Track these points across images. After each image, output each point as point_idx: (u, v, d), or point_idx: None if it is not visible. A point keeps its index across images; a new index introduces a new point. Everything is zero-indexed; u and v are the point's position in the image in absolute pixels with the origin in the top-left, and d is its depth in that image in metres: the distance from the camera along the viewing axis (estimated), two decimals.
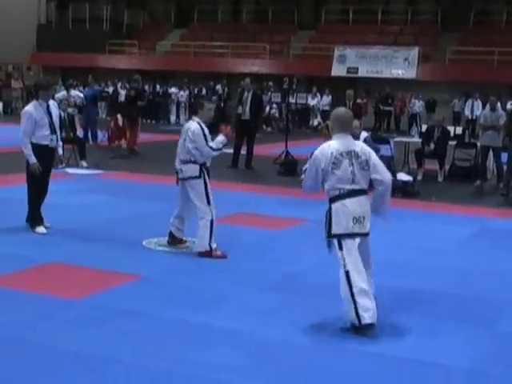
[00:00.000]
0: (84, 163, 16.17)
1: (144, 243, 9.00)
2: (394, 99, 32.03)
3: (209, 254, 8.49)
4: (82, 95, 20.13)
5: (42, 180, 9.52)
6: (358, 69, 33.16)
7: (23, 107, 9.96)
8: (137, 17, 40.65)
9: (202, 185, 8.54)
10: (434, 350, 5.84)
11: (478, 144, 16.48)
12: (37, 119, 9.38)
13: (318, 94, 32.36)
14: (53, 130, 9.53)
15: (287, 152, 17.33)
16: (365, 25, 36.02)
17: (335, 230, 6.28)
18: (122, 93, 34.30)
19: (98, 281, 7.46)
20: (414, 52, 32.52)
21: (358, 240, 6.35)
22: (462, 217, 12.06)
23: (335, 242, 6.30)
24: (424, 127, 19.32)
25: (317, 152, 6.37)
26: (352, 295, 6.13)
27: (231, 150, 17.26)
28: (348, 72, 33.25)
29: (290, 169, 16.34)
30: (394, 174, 15.16)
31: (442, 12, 35.39)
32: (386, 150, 16.63)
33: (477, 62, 31.30)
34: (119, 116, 21.41)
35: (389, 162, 16.51)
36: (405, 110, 32.02)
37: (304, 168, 6.60)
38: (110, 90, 34.48)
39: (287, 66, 33.37)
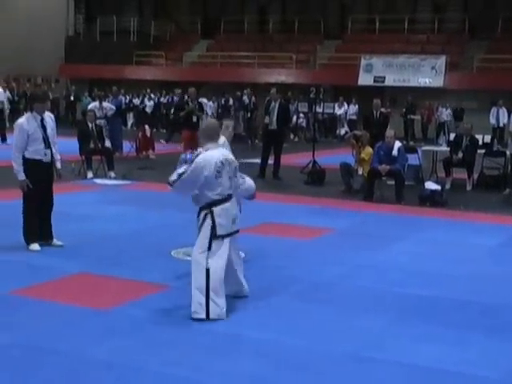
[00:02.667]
0: (112, 174, 16.25)
1: (172, 253, 9.03)
2: (417, 108, 31.86)
3: None
4: (113, 107, 20.22)
5: (43, 195, 9.06)
6: (384, 78, 33.08)
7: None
8: (164, 28, 40.87)
9: None
10: (462, 359, 5.79)
11: (508, 152, 16.35)
12: (29, 132, 8.90)
13: (345, 104, 32.32)
14: (47, 144, 9.03)
15: (314, 161, 17.32)
16: (391, 34, 35.98)
17: (219, 231, 6.70)
18: (149, 104, 34.68)
19: (127, 291, 7.49)
20: (442, 60, 32.37)
21: (228, 239, 6.78)
22: (490, 226, 11.95)
23: (207, 241, 6.67)
24: (452, 136, 19.21)
25: (199, 159, 6.74)
26: (207, 290, 6.53)
27: (259, 160, 17.32)
28: (375, 81, 33.19)
29: (317, 178, 16.34)
30: (422, 182, 15.13)
31: (470, 20, 35.20)
32: (413, 158, 16.59)
33: (505, 69, 31.14)
34: (147, 127, 21.56)
35: (417, 171, 16.53)
36: (432, 118, 31.88)
37: (180, 171, 6.82)
38: (137, 101, 34.77)
39: (314, 76, 33.42)
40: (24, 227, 9.15)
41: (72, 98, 36.46)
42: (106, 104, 19.93)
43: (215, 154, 6.78)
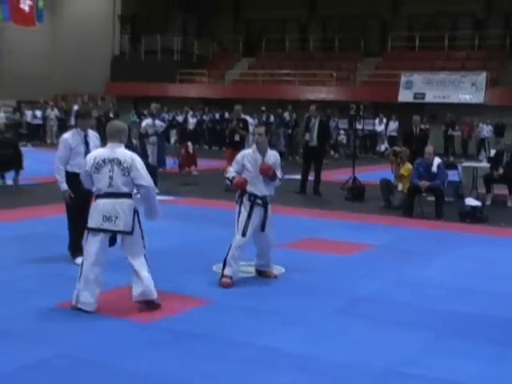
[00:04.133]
0: (156, 189, 16.31)
1: (214, 268, 9.05)
2: (458, 124, 31.62)
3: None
4: (164, 124, 20.43)
5: (83, 208, 8.80)
6: (424, 94, 32.91)
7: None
8: (206, 47, 41.16)
9: (237, 210, 8.55)
10: (502, 377, 5.72)
11: None
12: (72, 146, 9.12)
13: (385, 120, 32.19)
14: None
15: (354, 178, 17.27)
16: (431, 51, 35.83)
17: (89, 223, 7.25)
18: (192, 121, 34.88)
19: (170, 304, 7.50)
20: (482, 77, 32.09)
21: (100, 235, 7.17)
22: None
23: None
24: (493, 152, 19.02)
25: (87, 157, 7.52)
26: (79, 280, 7.08)
27: (299, 176, 17.33)
28: (415, 98, 33.03)
29: (357, 194, 16.29)
30: (462, 198, 15.00)
31: (510, 37, 34.92)
32: (453, 175, 16.47)
33: None
34: (189, 143, 21.70)
35: (457, 187, 16.39)
36: (472, 134, 31.60)
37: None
38: (181, 118, 34.99)
39: (354, 93, 33.34)
40: (70, 241, 9.31)
41: (111, 115, 36.75)
42: (157, 122, 20.16)
43: (102, 152, 7.32)
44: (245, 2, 42.49)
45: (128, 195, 7.24)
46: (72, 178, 8.98)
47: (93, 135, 9.44)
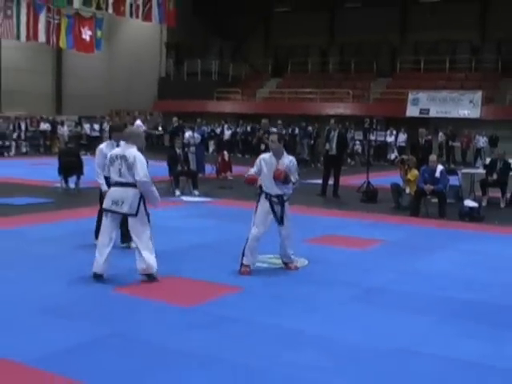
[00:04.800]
0: (196, 192, 16.40)
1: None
2: (458, 136, 31.49)
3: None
4: (200, 136, 20.67)
5: None
6: (429, 110, 32.82)
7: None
8: (240, 69, 41.19)
9: (255, 207, 8.53)
10: (500, 354, 5.67)
11: None
12: (106, 154, 9.14)
13: (395, 132, 32.05)
14: None
15: (368, 182, 17.17)
16: (434, 72, 35.69)
17: (103, 205, 7.93)
18: (227, 133, 34.95)
19: (207, 292, 7.52)
20: (478, 95, 31.98)
21: (113, 215, 7.76)
22: None
23: None
24: (487, 160, 18.85)
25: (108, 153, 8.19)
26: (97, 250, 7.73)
27: (320, 181, 17.29)
28: (420, 113, 32.92)
29: (370, 197, 16.20)
30: (461, 200, 14.86)
31: (502, 60, 34.75)
32: (454, 180, 16.33)
33: None
34: (225, 152, 21.73)
35: (457, 191, 16.24)
36: (470, 145, 31.43)
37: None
38: (218, 130, 35.10)
39: (368, 108, 33.25)
40: (96, 227, 9.51)
41: (160, 129, 36.98)
42: (196, 134, 20.41)
43: (116, 150, 8.00)
44: (274, 30, 42.49)
45: (134, 185, 7.62)
46: (107, 181, 9.15)
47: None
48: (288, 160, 8.50)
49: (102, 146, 9.58)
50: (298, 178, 8.60)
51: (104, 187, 9.21)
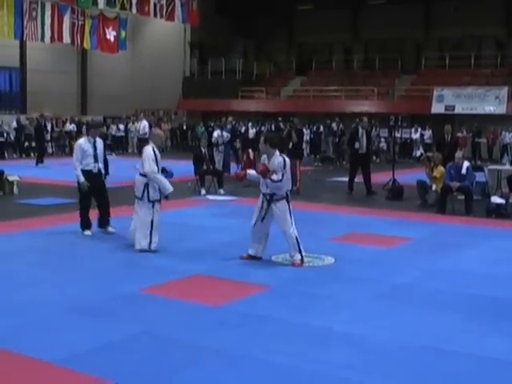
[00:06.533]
0: (222, 191, 16.47)
1: (273, 258, 9.08)
2: (483, 132, 31.24)
3: None
4: (229, 135, 20.78)
5: (97, 194, 10.64)
6: (454, 106, 32.59)
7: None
8: (264, 67, 41.18)
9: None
10: None
11: None
12: (84, 149, 10.45)
13: (420, 129, 31.88)
14: (96, 160, 10.55)
15: (394, 180, 17.12)
16: (460, 69, 35.41)
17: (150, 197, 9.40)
18: (251, 131, 34.96)
19: (235, 290, 7.56)
20: (504, 91, 31.70)
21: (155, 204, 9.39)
22: None
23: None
24: None
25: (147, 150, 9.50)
26: (150, 232, 9.27)
27: (345, 179, 17.27)
28: (446, 109, 32.70)
29: (396, 194, 16.14)
30: (488, 197, 14.76)
31: None
32: (480, 176, 16.22)
33: None
34: (250, 151, 21.75)
35: (483, 187, 16.13)
36: (496, 141, 31.17)
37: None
38: (243, 129, 35.13)
39: (393, 106, 33.09)
40: (81, 219, 10.60)
41: (185, 128, 37.19)
42: (225, 133, 20.45)
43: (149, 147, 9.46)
44: (297, 29, 42.45)
45: (143, 175, 9.29)
46: (84, 173, 10.41)
47: (99, 141, 10.79)
48: (277, 160, 8.77)
49: (80, 140, 10.72)
50: (280, 178, 8.71)
51: (81, 179, 10.43)
